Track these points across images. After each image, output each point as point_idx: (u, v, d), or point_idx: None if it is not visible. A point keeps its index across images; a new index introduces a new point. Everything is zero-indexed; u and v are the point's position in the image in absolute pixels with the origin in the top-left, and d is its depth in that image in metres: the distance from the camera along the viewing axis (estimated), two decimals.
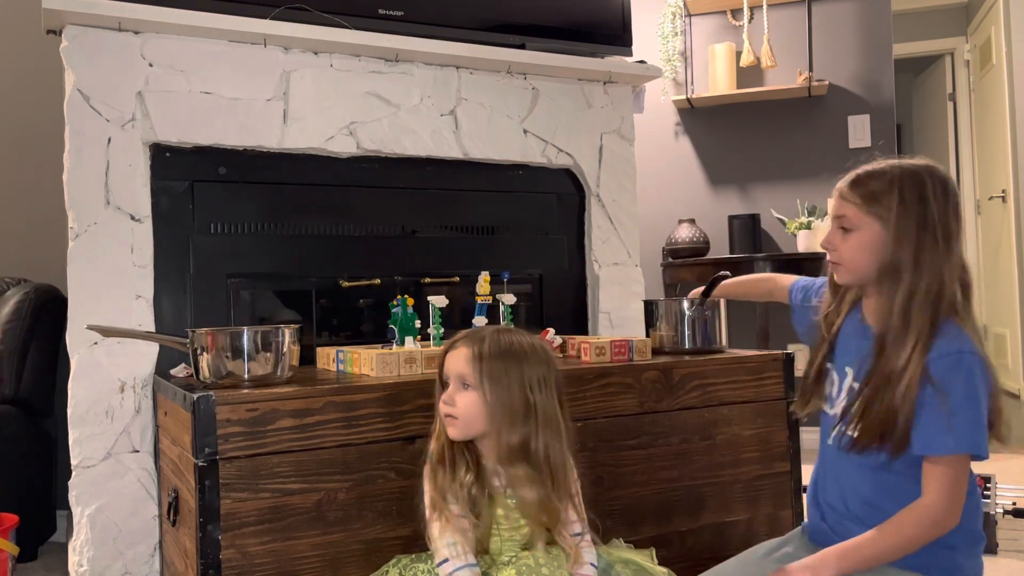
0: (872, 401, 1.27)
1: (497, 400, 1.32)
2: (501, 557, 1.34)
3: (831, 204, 1.41)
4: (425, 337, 1.89)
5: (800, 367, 1.72)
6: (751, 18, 3.74)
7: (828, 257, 1.39)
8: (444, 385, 1.37)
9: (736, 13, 3.80)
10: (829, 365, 1.41)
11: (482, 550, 1.35)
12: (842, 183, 1.36)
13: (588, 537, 1.39)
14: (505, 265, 2.20)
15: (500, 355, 1.33)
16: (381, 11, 2.20)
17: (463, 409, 1.32)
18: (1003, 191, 4.81)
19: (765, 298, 1.81)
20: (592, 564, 1.37)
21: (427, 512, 1.35)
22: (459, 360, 1.34)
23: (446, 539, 1.30)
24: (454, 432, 1.34)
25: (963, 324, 1.26)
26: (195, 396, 1.40)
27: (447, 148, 2.27)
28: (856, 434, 1.29)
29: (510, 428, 1.32)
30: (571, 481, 1.39)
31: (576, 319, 2.50)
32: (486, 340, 1.34)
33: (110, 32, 1.90)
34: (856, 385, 1.33)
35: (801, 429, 1.96)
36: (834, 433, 1.36)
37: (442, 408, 1.35)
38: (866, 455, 1.29)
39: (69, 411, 1.82)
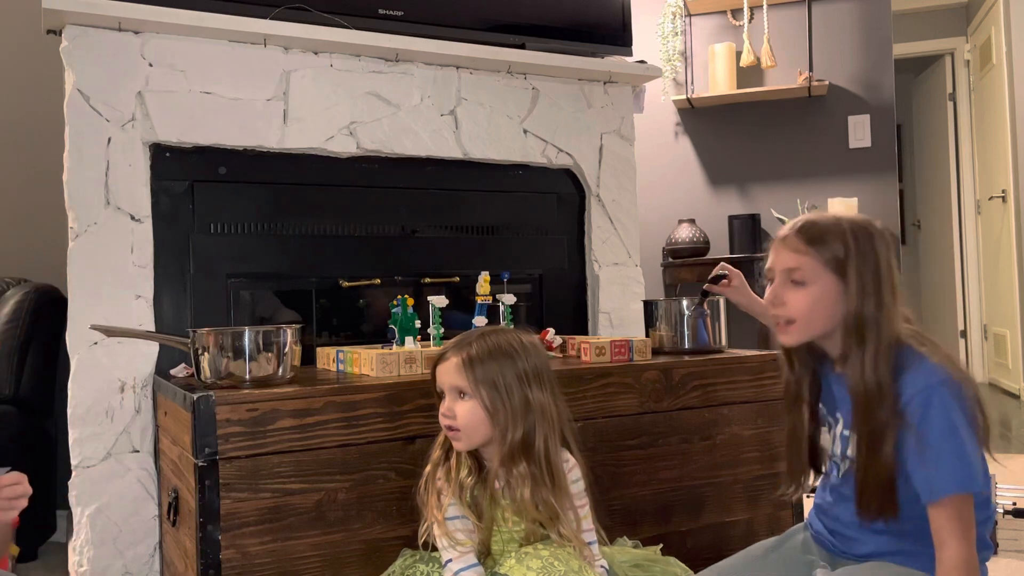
0: (869, 471, 1.23)
1: (497, 403, 1.30)
2: (503, 556, 1.34)
3: (773, 256, 1.30)
4: (425, 337, 1.89)
5: None
6: (751, 18, 3.74)
7: (774, 313, 1.29)
8: (440, 397, 1.36)
9: (736, 13, 3.80)
10: (819, 423, 1.37)
11: (485, 551, 1.35)
12: (787, 232, 1.28)
13: (597, 546, 1.39)
14: (505, 265, 2.20)
15: (491, 357, 1.31)
16: (381, 11, 2.20)
17: (464, 419, 1.30)
18: (1003, 191, 4.81)
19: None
20: (603, 567, 1.37)
21: (426, 514, 1.35)
22: (450, 371, 1.32)
23: (454, 539, 1.29)
24: (460, 445, 1.32)
25: (922, 347, 1.22)
26: (195, 396, 1.40)
27: (447, 148, 2.27)
28: (863, 507, 1.26)
29: (514, 428, 1.30)
30: (569, 481, 1.38)
31: (576, 319, 2.50)
32: (473, 345, 1.33)
33: (110, 32, 1.90)
34: (847, 433, 1.30)
35: None
36: (841, 471, 1.33)
37: (442, 421, 1.33)
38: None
39: (69, 411, 1.82)
